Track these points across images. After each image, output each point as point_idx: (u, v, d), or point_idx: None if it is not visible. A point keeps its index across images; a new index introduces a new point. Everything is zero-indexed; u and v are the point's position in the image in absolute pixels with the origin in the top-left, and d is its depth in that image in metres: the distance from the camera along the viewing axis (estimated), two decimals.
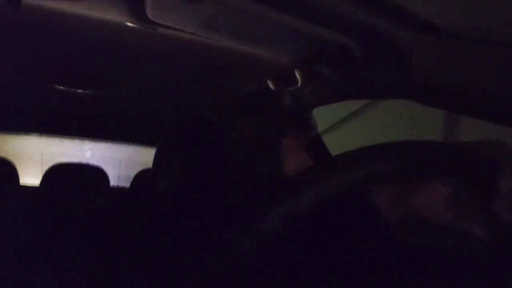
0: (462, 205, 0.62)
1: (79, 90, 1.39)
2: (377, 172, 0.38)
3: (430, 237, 0.66)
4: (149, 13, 0.72)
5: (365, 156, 0.40)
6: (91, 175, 1.88)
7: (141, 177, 1.98)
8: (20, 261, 1.29)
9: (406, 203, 0.71)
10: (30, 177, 2.09)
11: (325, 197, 0.36)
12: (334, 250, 0.69)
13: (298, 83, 1.12)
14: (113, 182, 2.03)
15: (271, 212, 0.35)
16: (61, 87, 1.37)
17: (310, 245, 0.69)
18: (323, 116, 1.12)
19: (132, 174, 2.02)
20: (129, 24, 0.81)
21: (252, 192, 0.78)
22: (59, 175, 1.79)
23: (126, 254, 0.81)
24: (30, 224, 1.52)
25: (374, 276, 0.63)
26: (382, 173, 0.39)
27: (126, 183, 2.13)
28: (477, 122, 0.73)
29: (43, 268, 1.30)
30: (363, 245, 0.70)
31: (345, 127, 2.31)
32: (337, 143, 1.07)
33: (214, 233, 0.60)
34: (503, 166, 0.47)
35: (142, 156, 2.21)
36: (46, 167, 1.84)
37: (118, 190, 2.23)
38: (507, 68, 0.63)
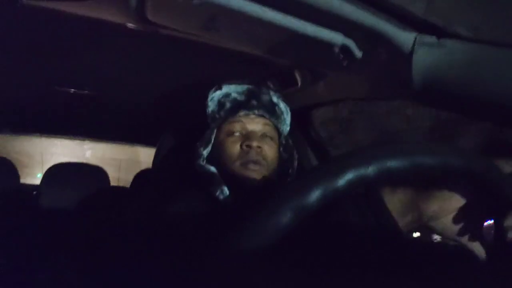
0: (470, 220, 0.62)
1: (79, 90, 1.40)
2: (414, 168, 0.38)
3: (434, 246, 0.67)
4: (149, 14, 0.72)
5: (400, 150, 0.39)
6: (91, 175, 1.88)
7: (141, 177, 1.98)
8: (20, 261, 1.30)
9: (419, 209, 0.71)
10: (30, 177, 2.09)
11: (336, 193, 0.36)
12: (342, 250, 0.69)
13: (298, 84, 1.12)
14: (113, 182, 2.03)
15: (282, 206, 0.35)
16: (61, 87, 1.37)
17: (318, 245, 0.69)
18: None
19: (132, 174, 2.02)
20: (129, 25, 0.81)
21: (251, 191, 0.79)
22: (59, 175, 1.79)
23: (126, 253, 0.81)
24: (30, 224, 1.52)
25: (380, 277, 0.63)
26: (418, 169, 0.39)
27: (126, 184, 2.13)
28: None
29: (43, 267, 1.30)
30: (371, 248, 0.69)
31: None
32: None
33: (215, 231, 0.60)
34: None
35: (142, 157, 2.21)
36: (46, 167, 1.84)
37: (118, 190, 2.23)
38: (507, 68, 0.63)
